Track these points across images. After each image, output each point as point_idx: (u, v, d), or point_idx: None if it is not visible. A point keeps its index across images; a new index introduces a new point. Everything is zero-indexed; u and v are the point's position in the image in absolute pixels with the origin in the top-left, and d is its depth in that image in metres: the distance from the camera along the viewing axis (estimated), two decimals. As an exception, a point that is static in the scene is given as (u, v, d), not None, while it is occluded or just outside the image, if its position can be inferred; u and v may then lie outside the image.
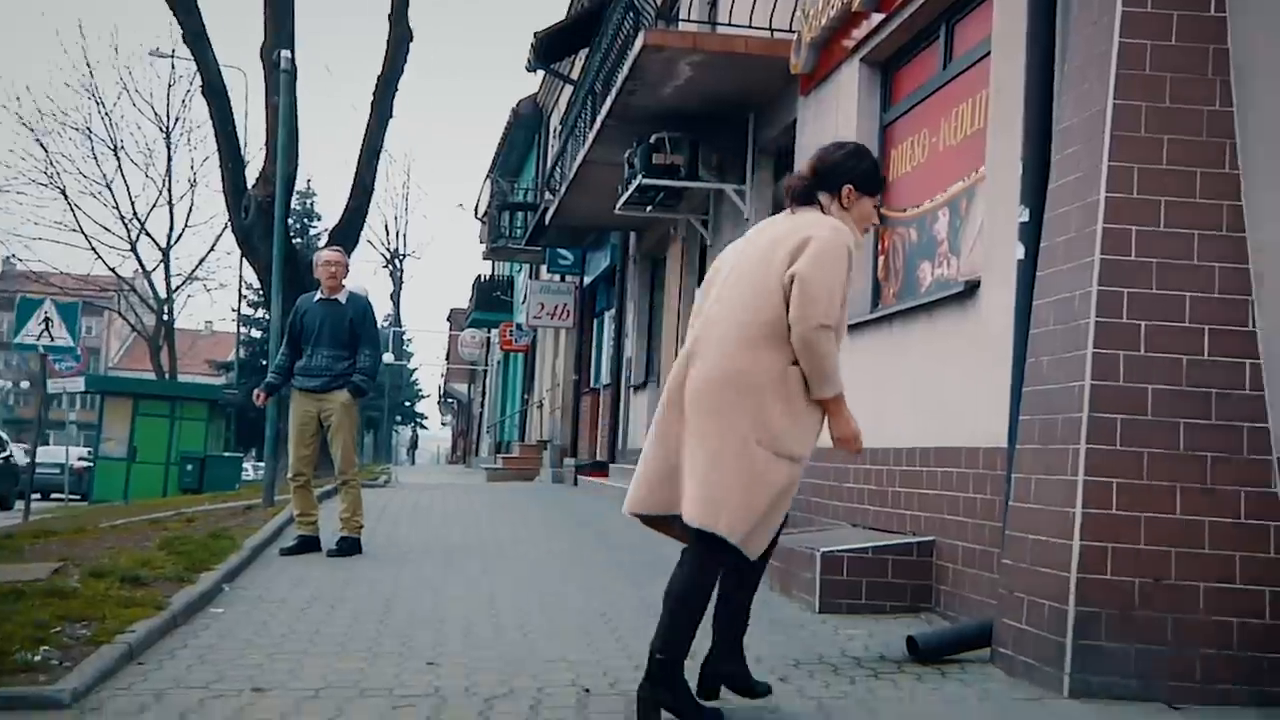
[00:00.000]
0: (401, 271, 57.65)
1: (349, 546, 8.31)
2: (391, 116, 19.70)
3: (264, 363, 25.67)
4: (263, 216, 17.68)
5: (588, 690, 4.30)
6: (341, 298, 8.49)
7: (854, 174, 4.22)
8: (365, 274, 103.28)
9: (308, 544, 8.37)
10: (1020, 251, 5.49)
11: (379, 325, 8.75)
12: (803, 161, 4.46)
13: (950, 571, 6.37)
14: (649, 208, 13.62)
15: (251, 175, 19.18)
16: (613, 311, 19.69)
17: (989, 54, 6.55)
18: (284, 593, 6.57)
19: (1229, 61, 4.88)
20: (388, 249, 57.22)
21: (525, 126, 30.25)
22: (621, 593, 6.90)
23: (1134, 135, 4.85)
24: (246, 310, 49.03)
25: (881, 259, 8.40)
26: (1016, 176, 5.59)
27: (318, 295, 8.55)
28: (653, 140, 12.27)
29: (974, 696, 4.48)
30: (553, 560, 8.47)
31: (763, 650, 5.25)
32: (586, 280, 22.72)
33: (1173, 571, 4.59)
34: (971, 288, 6.44)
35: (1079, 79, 5.21)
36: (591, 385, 22.15)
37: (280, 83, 13.18)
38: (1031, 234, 5.42)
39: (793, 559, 7.02)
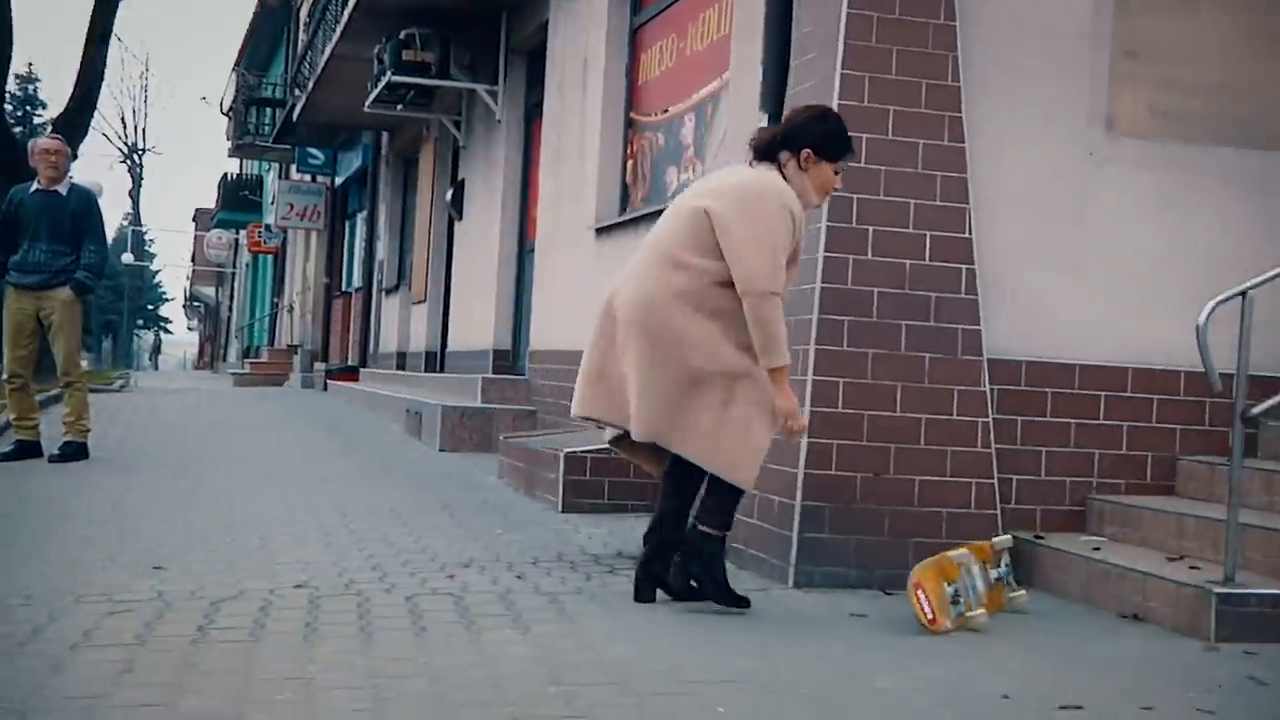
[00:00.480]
0: (141, 168, 54.63)
1: (73, 452, 7.89)
2: (122, -3, 18.45)
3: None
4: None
5: (318, 590, 4.23)
6: (62, 189, 7.95)
7: (813, 137, 4.15)
8: (100, 169, 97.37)
9: (26, 449, 7.91)
10: (759, 157, 5.57)
11: (105, 221, 8.25)
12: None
13: (689, 470, 6.52)
14: (400, 107, 13.27)
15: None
16: (364, 213, 19.21)
17: (734, -40, 6.59)
18: None
19: (954, -24, 5.05)
20: (125, 143, 54.09)
21: (273, 17, 28.91)
22: (362, 495, 6.81)
23: (866, 45, 4.98)
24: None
25: (630, 163, 8.43)
26: (757, 82, 5.67)
27: (34, 185, 7.98)
28: (403, 36, 11.93)
29: (704, 587, 4.61)
30: (296, 465, 8.28)
31: (501, 549, 5.28)
32: (338, 181, 22.06)
33: (891, 466, 4.83)
34: (714, 193, 6.52)
35: (816, -13, 5.29)
36: (343, 289, 21.64)
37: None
38: (770, 140, 5.50)
39: (537, 460, 7.06)
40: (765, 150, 4.19)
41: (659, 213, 7.35)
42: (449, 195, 13.43)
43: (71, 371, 7.94)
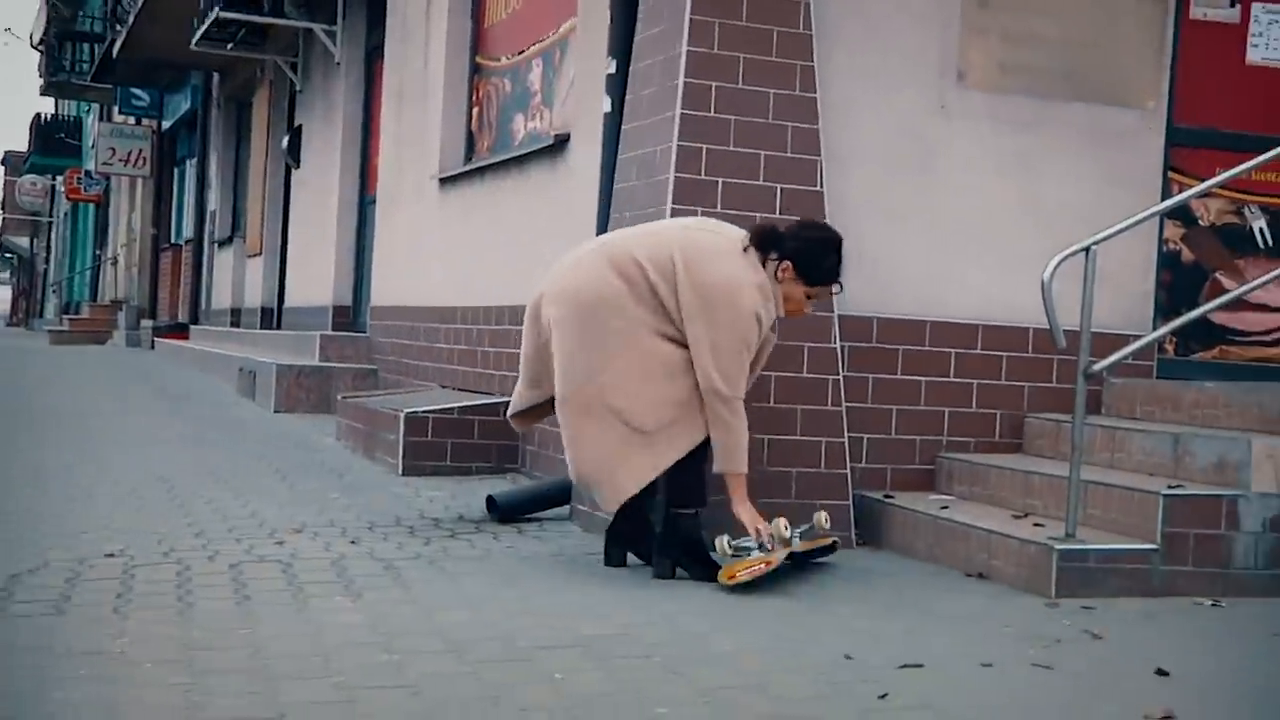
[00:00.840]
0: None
1: None
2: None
3: None
4: None
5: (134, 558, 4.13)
6: None
7: (797, 255, 4.22)
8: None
9: None
10: (607, 104, 5.58)
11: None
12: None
13: (536, 432, 6.53)
14: (230, 46, 12.91)
15: None
16: (195, 160, 18.68)
17: (583, -103, 6.54)
18: None
19: (805, -80, 5.10)
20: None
21: (91, -54, 27.78)
22: (188, 459, 6.66)
23: (716, -10, 4.99)
24: None
25: (476, 110, 8.34)
26: (606, 26, 5.66)
27: None
28: (233, -32, 11.59)
29: (547, 553, 4.64)
30: (116, 428, 8.04)
31: (336, 513, 5.22)
32: (165, 125, 21.39)
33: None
34: (561, 141, 6.52)
35: (665, -72, 5.29)
36: (172, 241, 21.05)
37: None
38: (618, 87, 5.51)
39: (376, 420, 6.99)
40: (760, 241, 4.23)
41: (505, 163, 7.36)
42: (285, 142, 13.13)
43: None
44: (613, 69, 5.55)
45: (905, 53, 5.34)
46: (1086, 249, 4.30)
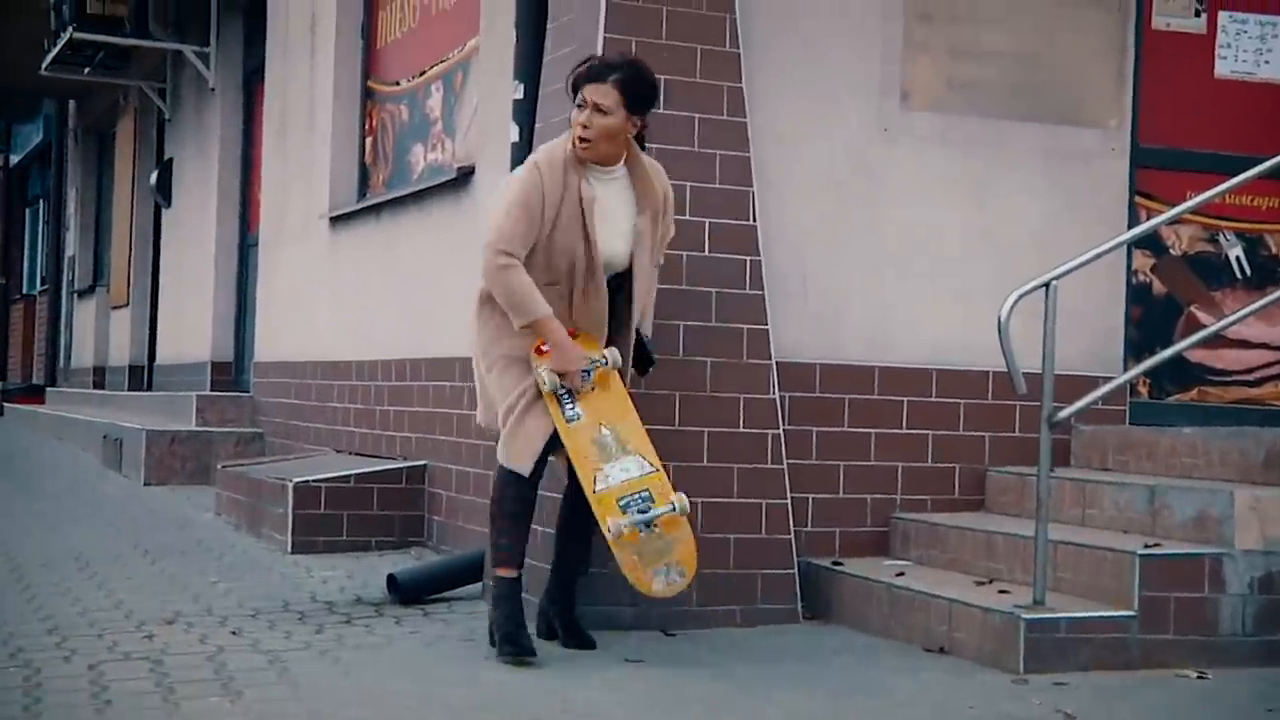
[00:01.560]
0: None
1: None
2: None
3: None
4: None
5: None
6: None
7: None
8: None
9: None
10: (515, 133, 5.61)
11: None
12: None
13: (444, 500, 6.51)
14: (88, 70, 12.83)
15: None
16: (49, 199, 18.50)
17: (483, -98, 6.60)
18: None
19: (729, -74, 5.18)
20: None
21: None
22: (41, 542, 6.56)
23: (632, 4, 5.06)
24: None
25: (369, 140, 8.35)
26: (510, 46, 5.70)
27: None
28: (89, -18, 11.53)
29: (456, 637, 4.62)
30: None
31: (215, 600, 5.16)
32: (13, 159, 21.21)
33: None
34: (465, 174, 6.54)
35: (574, -63, 5.35)
36: (24, 291, 20.80)
37: None
38: (526, 113, 5.55)
39: (261, 491, 6.94)
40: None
41: (404, 198, 7.36)
42: (154, 177, 13.05)
43: None
44: (520, 94, 5.58)
45: (843, 71, 5.43)
46: (1047, 284, 4.38)
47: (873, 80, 5.47)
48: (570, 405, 4.32)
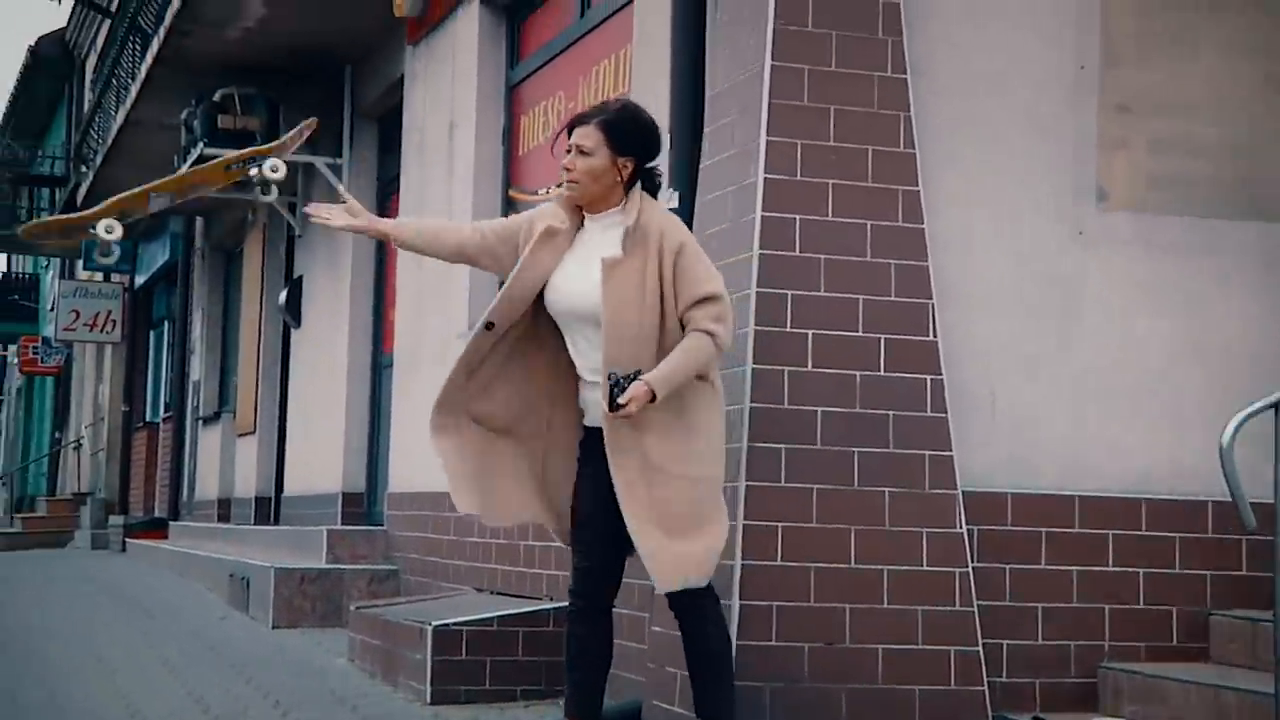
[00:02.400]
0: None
1: None
2: None
3: None
4: None
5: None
6: None
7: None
8: None
9: None
10: (670, 244, 5.65)
11: None
12: None
13: (594, 645, 6.47)
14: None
15: None
16: (174, 321, 19.07)
17: (632, 1, 6.74)
18: None
19: (901, 18, 5.21)
20: None
21: (50, 72, 28.81)
22: (163, 691, 6.66)
23: (796, 105, 5.11)
24: None
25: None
26: (665, 152, 5.76)
27: None
28: (218, 97, 11.97)
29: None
30: (74, 653, 8.08)
31: (351, 759, 5.18)
32: (138, 280, 21.89)
33: (847, 633, 4.84)
34: (615, 289, 6.59)
35: (732, 34, 5.43)
36: (147, 419, 21.36)
37: None
38: (682, 222, 5.59)
39: (398, 637, 6.97)
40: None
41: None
42: (282, 296, 13.38)
43: None
44: (674, 202, 5.64)
45: (1031, 170, 5.40)
46: (1276, 404, 4.27)
47: (1064, 179, 5.42)
48: None
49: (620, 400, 4.15)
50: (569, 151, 4.42)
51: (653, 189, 4.48)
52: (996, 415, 5.26)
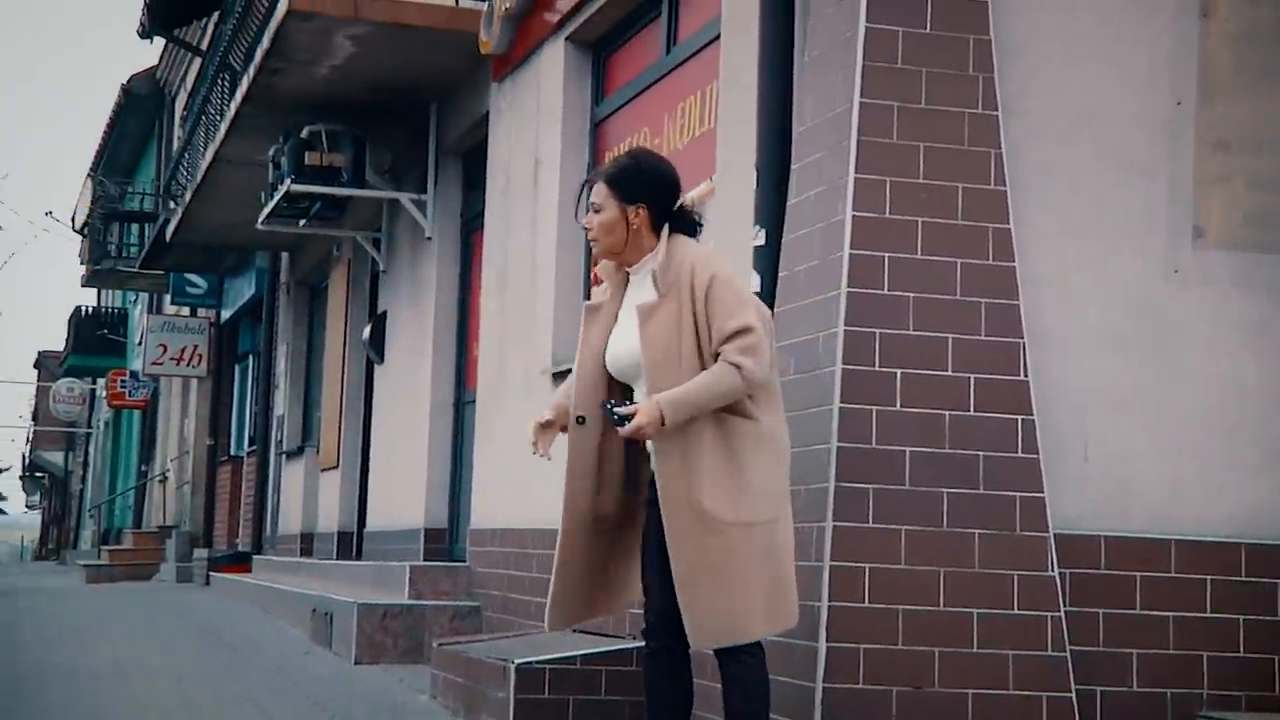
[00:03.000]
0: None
1: None
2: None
3: None
4: None
5: None
6: None
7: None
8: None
9: None
10: (756, 282, 5.65)
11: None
12: None
13: (678, 685, 6.44)
14: (303, 222, 13.39)
15: None
16: (259, 356, 19.28)
17: (719, 37, 6.76)
18: None
19: (992, 55, 5.18)
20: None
21: (141, 111, 29.35)
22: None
23: (885, 141, 5.09)
24: None
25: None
26: (750, 189, 5.77)
27: None
28: (305, 135, 12.09)
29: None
30: (159, 688, 8.15)
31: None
32: (224, 315, 22.17)
33: (936, 677, 4.78)
34: (701, 327, 6.58)
35: (820, 71, 5.42)
36: (231, 452, 21.58)
37: None
38: (769, 260, 5.59)
39: (481, 674, 6.98)
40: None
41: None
42: (367, 332, 13.49)
43: None
44: (761, 239, 5.64)
45: (1125, 207, 5.35)
46: (1376, 447, 4.18)
47: (1158, 217, 5.37)
48: None
49: (621, 412, 4.17)
50: (589, 212, 4.47)
51: (688, 229, 4.45)
52: (1089, 457, 5.21)
